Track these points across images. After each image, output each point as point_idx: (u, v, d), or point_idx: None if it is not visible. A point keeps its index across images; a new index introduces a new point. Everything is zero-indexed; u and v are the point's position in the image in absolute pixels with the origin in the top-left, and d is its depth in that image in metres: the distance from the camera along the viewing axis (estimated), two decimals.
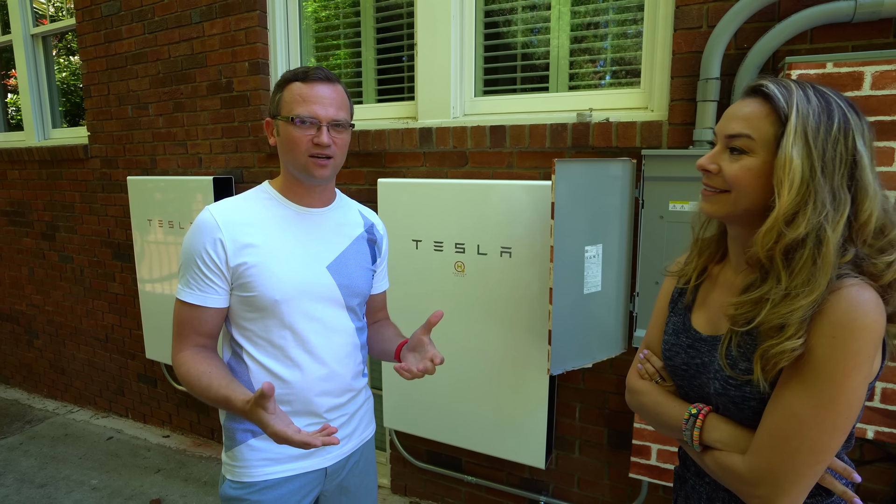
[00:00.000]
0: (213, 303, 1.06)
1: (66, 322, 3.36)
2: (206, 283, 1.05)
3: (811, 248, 0.68)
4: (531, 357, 1.83)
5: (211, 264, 1.04)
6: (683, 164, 1.58)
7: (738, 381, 0.76)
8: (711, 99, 1.56)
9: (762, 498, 0.72)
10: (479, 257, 1.86)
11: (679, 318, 0.91)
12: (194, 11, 2.48)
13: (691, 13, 1.61)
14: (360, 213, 1.26)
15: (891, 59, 1.30)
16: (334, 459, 1.18)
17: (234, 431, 1.11)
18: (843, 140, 0.69)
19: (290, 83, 1.06)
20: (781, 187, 0.69)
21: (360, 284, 1.18)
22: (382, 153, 2.17)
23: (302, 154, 1.05)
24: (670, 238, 1.63)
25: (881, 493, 1.62)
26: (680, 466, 0.98)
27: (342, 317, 1.15)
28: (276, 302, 1.05)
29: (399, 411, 2.13)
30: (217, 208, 1.07)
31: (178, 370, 1.06)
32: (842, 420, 0.68)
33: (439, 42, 2.04)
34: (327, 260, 1.13)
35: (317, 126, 1.04)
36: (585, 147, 1.81)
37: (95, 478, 2.64)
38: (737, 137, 0.75)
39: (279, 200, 1.12)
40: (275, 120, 1.09)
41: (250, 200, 1.11)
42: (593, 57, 1.95)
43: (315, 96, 1.04)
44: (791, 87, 0.72)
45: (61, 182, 3.17)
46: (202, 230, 1.05)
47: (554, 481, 2.09)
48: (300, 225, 1.12)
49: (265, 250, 1.06)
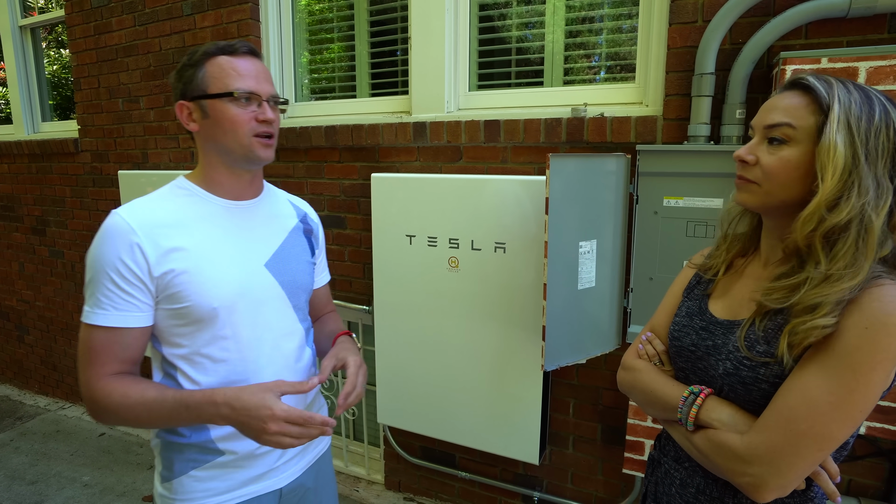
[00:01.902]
0: (135, 322, 0.90)
1: (58, 317, 3.33)
2: (124, 300, 0.88)
3: (855, 232, 0.69)
4: (525, 353, 1.83)
5: (129, 276, 0.88)
6: (678, 160, 1.58)
7: (753, 362, 0.75)
8: (706, 94, 1.55)
9: (754, 476, 0.71)
10: (474, 252, 1.85)
11: (695, 303, 0.91)
12: (185, 4, 2.45)
13: (686, 7, 1.60)
14: (291, 202, 1.15)
15: (885, 55, 1.30)
16: (290, 479, 1.07)
17: (174, 462, 0.97)
18: (885, 130, 0.70)
19: (214, 57, 0.94)
20: (825, 171, 0.69)
21: (302, 280, 1.08)
22: (376, 148, 2.16)
23: (245, 134, 0.93)
24: (664, 233, 1.63)
25: (872, 487, 1.63)
26: (656, 451, 0.97)
27: (290, 318, 1.05)
28: (215, 310, 0.92)
29: (393, 407, 2.12)
30: (129, 210, 0.91)
31: (104, 401, 0.88)
32: (856, 412, 0.68)
33: (433, 36, 2.02)
34: (265, 257, 1.01)
35: (258, 101, 0.94)
36: (580, 142, 1.80)
37: (87, 474, 2.62)
38: (777, 127, 0.74)
39: (202, 195, 0.98)
40: (197, 101, 0.94)
41: (167, 198, 0.97)
42: (588, 52, 1.94)
43: (248, 70, 0.94)
44: (831, 81, 0.73)
45: (51, 176, 3.14)
46: (114, 237, 0.88)
47: (548, 477, 2.09)
48: (230, 221, 0.99)
49: (194, 253, 0.92)
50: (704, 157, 1.55)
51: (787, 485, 0.70)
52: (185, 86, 0.95)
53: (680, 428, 0.83)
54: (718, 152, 1.53)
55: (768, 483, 0.70)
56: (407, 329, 2.02)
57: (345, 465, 2.56)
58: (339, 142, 2.19)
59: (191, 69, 0.95)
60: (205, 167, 0.99)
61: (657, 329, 0.97)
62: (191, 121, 0.97)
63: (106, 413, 0.90)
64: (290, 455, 1.07)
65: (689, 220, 1.59)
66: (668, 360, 0.92)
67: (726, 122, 1.55)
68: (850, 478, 1.64)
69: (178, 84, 0.97)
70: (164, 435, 0.99)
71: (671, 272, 1.64)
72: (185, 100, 0.96)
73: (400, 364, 2.07)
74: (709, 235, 1.58)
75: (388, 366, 2.09)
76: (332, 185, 2.28)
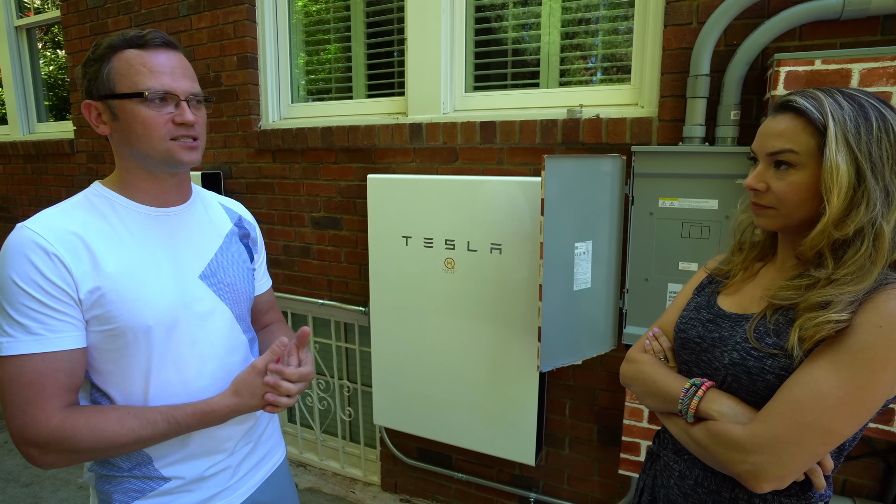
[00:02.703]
0: (74, 342, 0.79)
1: None
2: (57, 319, 0.77)
3: (867, 241, 0.70)
4: (521, 354, 1.83)
5: (55, 292, 0.77)
6: (673, 161, 1.58)
7: (761, 353, 0.76)
8: (701, 95, 1.56)
9: (753, 465, 0.71)
10: (470, 254, 1.85)
11: (704, 299, 0.92)
12: (182, 4, 2.45)
13: (681, 9, 1.61)
14: (223, 205, 1.06)
15: (878, 57, 1.30)
16: (245, 495, 1.01)
17: (111, 495, 0.88)
18: (885, 137, 0.70)
19: (121, 51, 0.82)
20: (830, 194, 0.71)
21: (242, 288, 0.99)
22: (372, 149, 2.16)
23: (161, 139, 0.83)
24: (660, 234, 1.63)
25: (867, 487, 1.63)
26: (655, 444, 0.98)
27: (233, 331, 0.97)
28: (149, 328, 0.84)
29: (389, 408, 2.12)
30: (38, 223, 0.80)
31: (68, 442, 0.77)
32: (863, 409, 0.68)
33: (429, 37, 2.02)
34: (199, 268, 0.92)
35: (174, 102, 0.84)
36: (575, 143, 1.80)
37: (81, 476, 2.61)
38: (780, 153, 0.75)
39: (122, 203, 0.87)
40: (104, 101, 0.83)
41: (82, 208, 0.85)
42: (584, 53, 1.95)
43: (163, 65, 0.83)
44: (819, 97, 0.73)
45: (47, 177, 3.13)
46: (26, 250, 0.76)
47: (544, 478, 2.09)
48: (156, 230, 0.89)
49: (121, 268, 0.82)
50: (699, 159, 1.55)
51: (786, 476, 0.70)
52: (90, 83, 0.84)
53: (678, 421, 0.83)
54: (713, 154, 1.53)
55: (768, 472, 0.70)
56: (403, 330, 2.02)
57: (341, 466, 2.55)
58: (335, 143, 2.19)
59: (95, 64, 0.83)
60: (122, 172, 0.88)
61: (665, 327, 0.98)
62: (100, 122, 0.86)
63: (71, 454, 0.78)
64: (243, 472, 1.01)
65: (684, 221, 1.60)
66: (672, 358, 0.93)
67: (721, 124, 1.56)
68: (845, 478, 1.65)
69: (84, 81, 0.85)
70: (98, 468, 0.90)
71: (666, 273, 1.64)
72: (91, 99, 0.85)
73: (396, 365, 2.06)
74: (703, 237, 1.58)
75: (385, 367, 2.09)
76: (328, 186, 2.28)
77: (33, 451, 0.78)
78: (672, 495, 0.89)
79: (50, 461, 0.79)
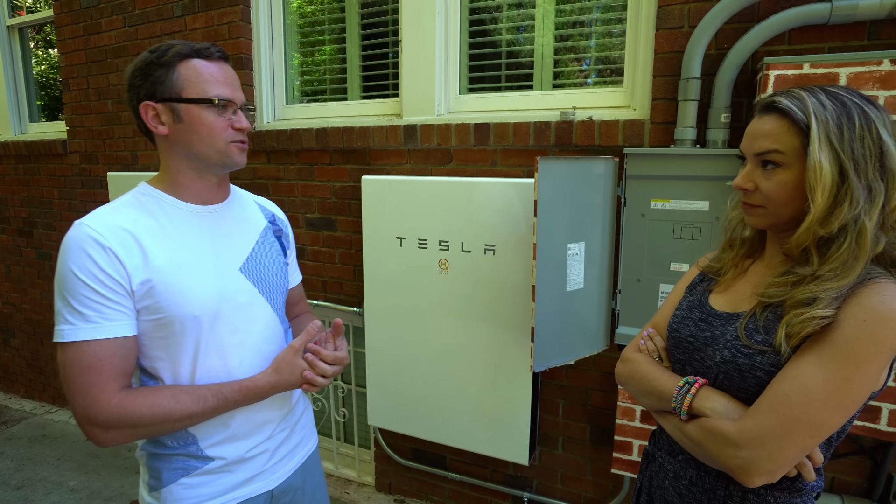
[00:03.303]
0: (128, 330, 0.87)
1: (45, 320, 3.30)
2: (112, 309, 0.85)
3: (850, 237, 0.72)
4: (515, 354, 1.84)
5: (111, 283, 0.85)
6: (665, 163, 1.60)
7: (750, 350, 0.77)
8: (692, 98, 1.58)
9: (744, 459, 0.72)
10: (464, 255, 1.86)
11: (696, 297, 0.93)
12: (176, 5, 2.44)
13: (673, 13, 1.63)
14: (258, 204, 1.15)
15: (865, 61, 1.33)
16: (280, 479, 1.07)
17: (161, 472, 0.96)
18: (868, 134, 0.71)
19: (188, 59, 0.90)
20: (814, 193, 0.72)
21: (278, 281, 1.07)
22: (367, 150, 2.16)
23: (222, 141, 0.93)
24: (652, 236, 1.65)
25: (855, 484, 1.65)
26: (651, 445, 0.99)
27: (270, 321, 1.04)
28: (195, 318, 0.91)
29: (383, 409, 2.12)
30: (94, 220, 0.88)
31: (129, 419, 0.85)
32: (848, 402, 0.70)
33: (424, 39, 2.03)
34: (238, 262, 1.00)
35: (233, 109, 0.94)
36: (569, 145, 1.82)
37: (74, 479, 2.59)
38: (767, 153, 0.77)
39: (168, 201, 0.95)
40: (167, 104, 0.90)
41: (132, 206, 0.93)
42: (578, 56, 1.96)
43: (224, 76, 0.93)
44: (803, 97, 0.75)
45: (39, 177, 3.11)
46: (85, 245, 0.84)
47: (538, 478, 2.10)
48: (200, 226, 0.97)
49: (169, 262, 0.89)
50: (691, 161, 1.57)
51: (776, 469, 0.72)
52: (154, 86, 0.90)
53: (672, 419, 0.84)
54: (704, 156, 1.55)
55: (759, 466, 0.71)
56: (397, 331, 2.03)
57: (335, 467, 2.55)
58: (330, 144, 2.19)
59: (161, 69, 0.90)
60: (171, 172, 0.96)
61: (659, 326, 0.99)
62: (158, 123, 0.92)
63: (131, 430, 0.86)
64: (279, 457, 1.07)
65: (675, 222, 1.61)
66: (667, 357, 0.94)
67: (712, 126, 1.58)
68: (833, 475, 1.67)
69: (144, 83, 0.91)
70: (149, 447, 0.98)
71: (658, 274, 1.66)
72: (152, 101, 0.91)
73: (390, 366, 2.07)
74: (695, 238, 1.60)
75: (379, 368, 2.09)
76: (322, 187, 2.28)
77: (95, 430, 0.86)
78: (668, 496, 0.90)
79: (110, 438, 0.87)
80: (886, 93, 1.32)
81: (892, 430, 1.47)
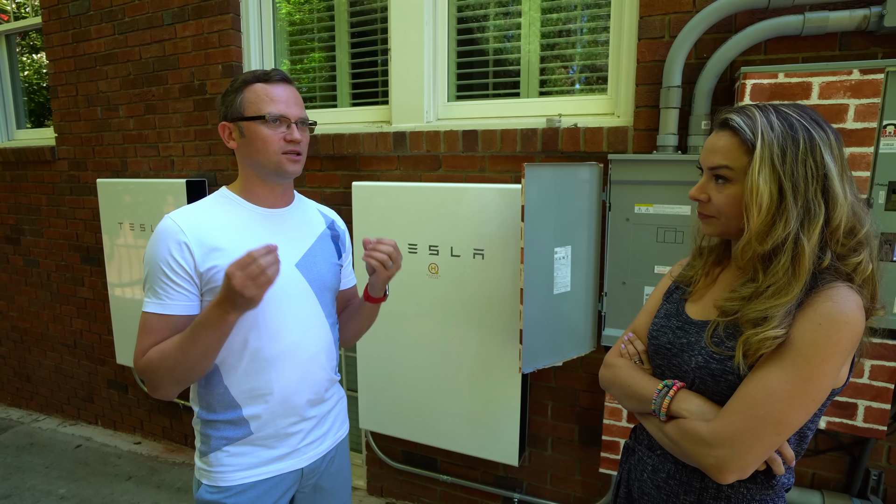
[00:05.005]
0: (182, 310, 1.03)
1: (32, 328, 3.27)
2: (175, 290, 1.03)
3: (789, 254, 0.75)
4: (504, 356, 1.87)
5: (178, 269, 1.02)
6: (648, 169, 1.65)
7: (721, 356, 0.81)
8: (673, 106, 1.63)
9: (717, 458, 0.77)
10: (453, 259, 1.89)
11: (673, 306, 0.97)
12: (166, 13, 2.46)
13: (654, 24, 1.67)
14: (320, 211, 1.29)
15: (836, 71, 1.38)
16: (311, 460, 1.19)
17: (210, 438, 1.12)
18: (810, 158, 0.75)
19: (251, 84, 1.08)
20: (750, 211, 0.77)
21: (329, 280, 1.20)
22: (357, 156, 2.19)
23: (275, 152, 1.07)
24: (636, 239, 1.69)
25: (834, 480, 1.70)
26: (631, 440, 1.03)
27: (316, 313, 1.17)
28: None
29: (374, 412, 2.14)
30: (178, 214, 1.06)
31: (145, 364, 1.03)
32: (809, 400, 0.74)
33: (412, 47, 2.07)
34: (295, 258, 1.14)
35: (287, 124, 1.08)
36: (555, 151, 1.86)
37: (63, 487, 2.57)
38: (718, 168, 0.82)
39: (241, 203, 1.13)
40: (236, 122, 1.09)
41: (210, 205, 1.11)
42: (564, 64, 2.01)
43: (280, 96, 1.08)
44: (755, 116, 0.78)
45: (26, 184, 3.09)
46: (165, 236, 1.03)
47: (527, 478, 2.13)
48: (265, 226, 1.13)
49: (233, 252, 1.03)
50: (672, 167, 1.62)
51: (746, 467, 0.77)
52: (227, 108, 1.09)
53: (654, 420, 0.88)
54: (686, 161, 1.60)
55: (730, 465, 0.76)
56: (388, 335, 2.05)
57: None
58: (320, 150, 2.22)
59: (232, 94, 1.09)
60: (243, 179, 1.14)
61: (638, 330, 1.03)
62: (230, 139, 1.11)
63: (150, 372, 1.02)
64: (312, 439, 1.19)
65: (658, 226, 1.66)
66: (647, 360, 0.99)
67: (693, 133, 1.63)
68: (813, 471, 1.72)
69: (222, 107, 1.11)
70: (203, 413, 1.13)
71: (643, 277, 1.70)
72: (226, 121, 1.10)
73: (381, 370, 2.09)
74: (678, 241, 1.65)
75: (370, 372, 2.11)
76: (313, 193, 2.30)
77: (138, 374, 1.07)
78: (646, 488, 0.94)
79: (146, 382, 1.06)
80: (857, 101, 1.38)
81: (869, 427, 1.53)
